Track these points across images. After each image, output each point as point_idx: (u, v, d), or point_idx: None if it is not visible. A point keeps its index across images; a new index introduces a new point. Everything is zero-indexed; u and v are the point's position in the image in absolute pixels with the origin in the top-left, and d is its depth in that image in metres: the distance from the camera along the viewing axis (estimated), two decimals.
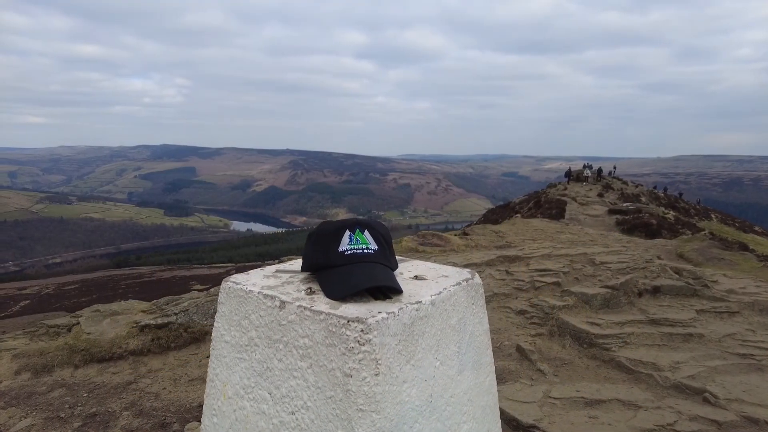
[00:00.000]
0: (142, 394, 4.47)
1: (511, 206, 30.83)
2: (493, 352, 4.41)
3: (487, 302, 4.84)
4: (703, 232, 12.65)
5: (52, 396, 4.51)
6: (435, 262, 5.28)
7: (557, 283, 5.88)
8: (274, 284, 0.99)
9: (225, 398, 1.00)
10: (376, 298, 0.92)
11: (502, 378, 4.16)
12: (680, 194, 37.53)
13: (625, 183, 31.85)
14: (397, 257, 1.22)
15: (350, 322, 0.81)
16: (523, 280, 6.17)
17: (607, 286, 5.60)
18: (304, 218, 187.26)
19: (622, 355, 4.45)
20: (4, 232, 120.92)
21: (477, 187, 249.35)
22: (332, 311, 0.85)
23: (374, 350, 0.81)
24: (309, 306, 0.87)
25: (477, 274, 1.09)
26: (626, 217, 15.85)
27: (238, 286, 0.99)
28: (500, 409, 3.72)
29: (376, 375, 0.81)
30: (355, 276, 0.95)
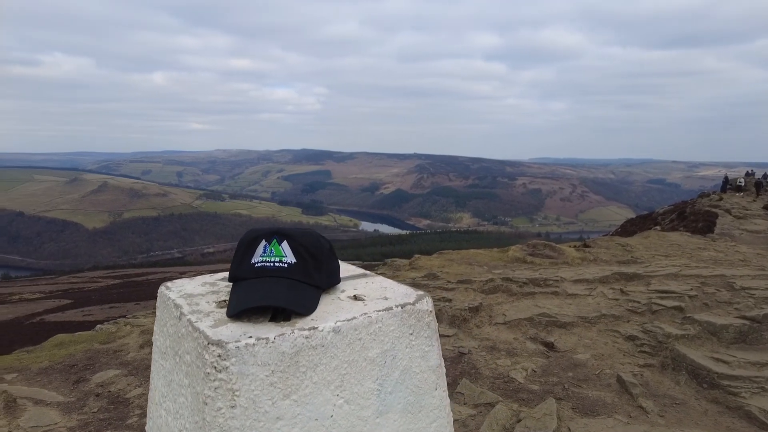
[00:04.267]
0: None
1: (652, 217, 27.73)
2: (590, 379, 3.90)
3: (593, 324, 4.30)
4: None
5: None
6: (541, 274, 4.90)
7: (679, 308, 5.08)
8: (200, 293, 0.94)
9: (154, 403, 0.97)
10: (273, 319, 0.82)
11: (593, 410, 3.69)
12: None
13: None
14: (364, 272, 1.09)
15: (210, 345, 0.72)
16: (638, 302, 5.44)
17: (744, 317, 4.69)
18: (428, 221, 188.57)
19: (755, 404, 3.67)
20: (171, 223, 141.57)
21: (618, 195, 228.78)
22: (206, 330, 0.76)
23: (231, 379, 0.70)
24: (194, 321, 0.80)
25: (426, 299, 0.91)
26: None
27: (165, 291, 0.96)
28: None
29: (233, 407, 0.70)
30: (250, 292, 0.86)
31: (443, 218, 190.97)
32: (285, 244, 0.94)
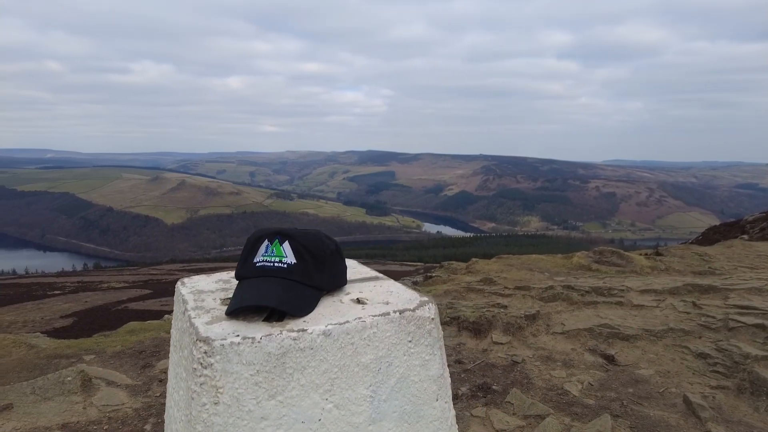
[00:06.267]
0: None
1: (739, 225, 25.51)
2: (652, 398, 3.67)
3: (659, 338, 4.05)
4: None
5: None
6: (606, 283, 4.66)
7: (762, 326, 4.61)
8: (210, 289, 0.97)
9: (169, 393, 1.02)
10: (267, 319, 0.82)
11: (653, 431, 3.44)
12: None
13: None
14: (377, 275, 1.07)
15: (198, 341, 0.74)
16: (713, 317, 5.01)
17: None
18: (493, 224, 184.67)
19: None
20: (243, 220, 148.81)
21: (700, 200, 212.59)
22: (199, 326, 0.78)
23: (215, 376, 0.72)
24: (192, 317, 0.83)
25: (429, 306, 0.88)
26: None
27: (180, 287, 1.00)
28: None
29: (216, 404, 0.72)
30: (248, 291, 0.87)
31: (509, 221, 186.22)
32: (286, 245, 0.95)
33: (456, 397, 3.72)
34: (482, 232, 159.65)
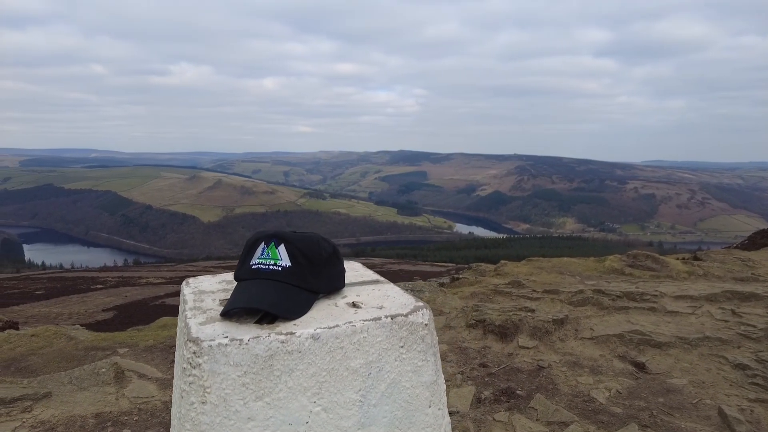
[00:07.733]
0: None
1: None
2: (684, 408, 3.52)
3: (694, 346, 3.92)
4: None
5: None
6: (639, 288, 4.53)
7: None
8: (212, 290, 0.99)
9: (173, 390, 1.05)
10: (259, 321, 0.84)
11: None
12: None
13: None
14: (377, 279, 1.07)
15: (188, 342, 0.76)
16: (753, 326, 4.78)
17: None
18: (527, 225, 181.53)
19: None
20: (277, 219, 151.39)
21: (747, 202, 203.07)
22: (192, 326, 0.80)
23: (203, 376, 0.73)
24: (188, 317, 0.85)
25: (423, 311, 0.87)
26: None
27: (184, 286, 1.02)
28: None
29: (203, 403, 0.73)
30: (241, 293, 0.89)
31: (544, 223, 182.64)
32: (282, 248, 0.96)
33: (479, 401, 3.68)
34: (516, 233, 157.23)
